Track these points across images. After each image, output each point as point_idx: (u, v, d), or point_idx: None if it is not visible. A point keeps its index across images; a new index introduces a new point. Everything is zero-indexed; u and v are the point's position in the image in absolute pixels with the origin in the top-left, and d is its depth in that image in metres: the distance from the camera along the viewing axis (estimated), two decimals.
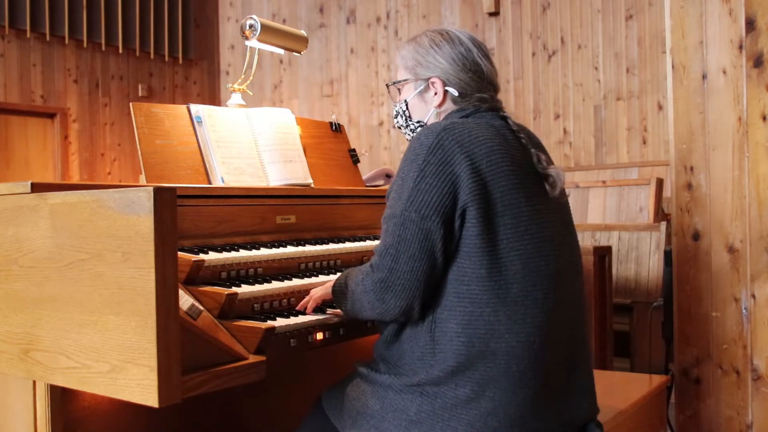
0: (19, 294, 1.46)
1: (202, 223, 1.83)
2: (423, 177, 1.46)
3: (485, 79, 1.64)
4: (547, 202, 1.56)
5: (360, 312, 1.57)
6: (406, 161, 1.51)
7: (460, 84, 1.63)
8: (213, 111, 2.13)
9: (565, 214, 1.64)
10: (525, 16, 7.09)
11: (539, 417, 1.49)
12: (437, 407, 1.45)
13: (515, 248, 1.46)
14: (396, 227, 1.47)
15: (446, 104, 1.66)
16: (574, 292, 1.58)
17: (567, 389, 1.56)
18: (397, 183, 1.52)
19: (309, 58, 8.28)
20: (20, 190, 1.47)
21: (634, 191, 4.71)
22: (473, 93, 1.63)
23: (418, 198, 1.45)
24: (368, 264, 1.54)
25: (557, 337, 1.51)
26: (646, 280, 3.95)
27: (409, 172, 1.49)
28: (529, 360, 1.45)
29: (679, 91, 2.58)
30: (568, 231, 1.63)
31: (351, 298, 1.58)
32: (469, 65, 1.63)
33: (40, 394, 1.46)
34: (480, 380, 1.44)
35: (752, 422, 2.43)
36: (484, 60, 1.65)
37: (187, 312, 1.43)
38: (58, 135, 7.45)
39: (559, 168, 1.59)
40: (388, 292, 1.46)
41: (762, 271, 2.40)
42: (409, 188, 1.47)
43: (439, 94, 1.65)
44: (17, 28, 7.11)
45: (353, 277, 1.59)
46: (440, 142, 1.46)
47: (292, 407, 2.09)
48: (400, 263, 1.45)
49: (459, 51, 1.63)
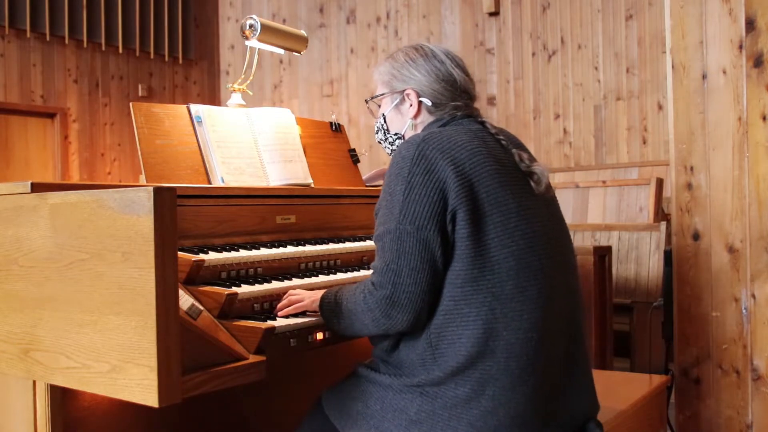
0: (19, 294, 1.46)
1: (202, 223, 1.83)
2: (411, 189, 1.47)
3: (459, 89, 1.67)
4: (534, 199, 1.57)
5: (361, 330, 1.56)
6: (391, 176, 1.52)
7: (433, 94, 1.67)
8: (213, 111, 2.13)
9: (554, 209, 1.65)
10: (525, 16, 7.08)
11: (539, 415, 1.49)
12: (437, 407, 1.45)
13: (506, 245, 1.47)
14: (393, 242, 1.47)
15: (422, 115, 1.70)
16: (568, 287, 1.58)
17: (566, 386, 1.56)
18: (385, 199, 1.52)
19: (309, 58, 8.28)
20: (20, 190, 1.47)
21: (634, 191, 4.71)
22: (447, 102, 1.66)
23: (411, 210, 1.46)
24: (367, 283, 1.53)
25: (554, 333, 1.51)
26: (646, 280, 3.95)
27: (395, 186, 1.50)
28: (527, 357, 1.45)
29: (679, 91, 2.58)
30: (558, 226, 1.64)
31: (348, 317, 1.56)
32: (443, 76, 1.66)
33: (40, 394, 1.46)
34: (480, 379, 1.44)
35: (752, 422, 2.43)
36: (457, 70, 1.68)
37: (187, 312, 1.43)
38: (58, 135, 7.45)
39: (542, 164, 1.61)
40: (395, 308, 1.46)
41: (762, 271, 2.40)
42: (399, 202, 1.48)
43: (414, 105, 1.69)
44: (17, 28, 7.11)
45: (348, 297, 1.57)
46: (422, 152, 1.49)
47: (292, 407, 2.09)
48: (403, 277, 1.45)
49: (432, 64, 1.67)
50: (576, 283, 1.64)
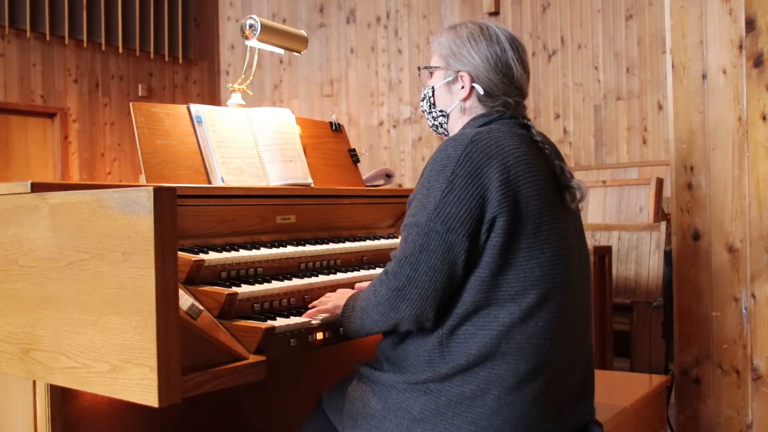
0: (19, 294, 1.46)
1: (202, 223, 1.83)
2: (451, 189, 1.45)
3: (514, 84, 1.64)
4: (565, 213, 1.56)
5: (371, 327, 1.56)
6: (433, 171, 1.49)
7: (488, 83, 1.62)
8: (213, 111, 2.13)
9: (579, 225, 1.65)
10: (525, 16, 7.08)
11: (543, 417, 1.49)
12: (441, 405, 1.45)
13: (535, 256, 1.46)
14: (419, 237, 1.46)
15: (471, 100, 1.65)
16: (581, 300, 1.60)
17: (570, 391, 1.57)
18: (421, 192, 1.50)
19: (309, 57, 8.28)
20: (20, 190, 1.47)
21: (634, 191, 4.71)
22: (500, 95, 1.63)
23: (445, 210, 1.44)
24: (381, 273, 1.53)
25: (566, 342, 1.52)
26: (646, 280, 3.95)
27: (435, 182, 1.47)
28: (537, 361, 1.46)
29: (679, 91, 2.58)
30: (581, 240, 1.65)
31: (360, 316, 1.57)
32: (501, 67, 1.62)
33: (40, 393, 1.46)
34: (487, 378, 1.44)
35: (752, 422, 2.43)
36: (517, 64, 1.63)
37: (187, 312, 1.43)
38: (58, 135, 7.45)
39: (580, 181, 1.59)
40: (404, 301, 1.46)
41: (762, 271, 2.39)
42: (436, 199, 1.46)
43: (465, 88, 1.64)
44: (17, 28, 7.11)
45: (362, 296, 1.58)
46: (468, 155, 1.46)
47: (292, 407, 2.10)
48: (419, 273, 1.44)
49: (494, 50, 1.62)
50: (588, 295, 1.65)
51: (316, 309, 1.70)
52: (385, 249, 2.23)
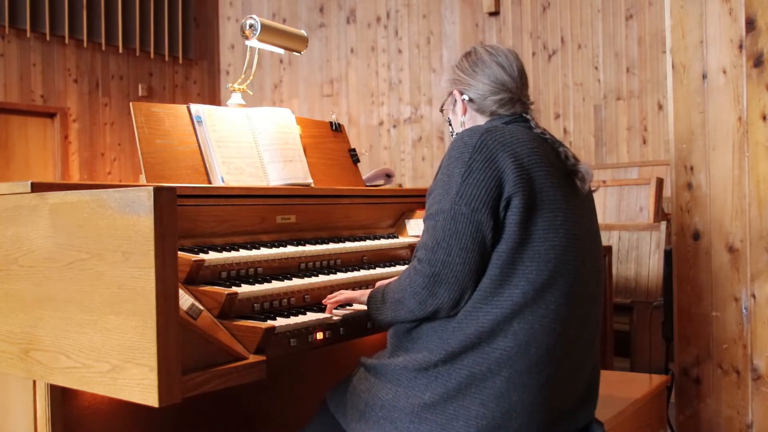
0: (19, 294, 1.46)
1: (202, 222, 1.83)
2: (470, 173, 1.51)
3: (509, 91, 1.73)
4: (578, 201, 1.62)
5: (406, 317, 1.58)
6: (451, 159, 1.56)
7: (477, 94, 1.74)
8: (213, 111, 2.13)
9: (593, 213, 1.72)
10: (525, 16, 7.08)
11: (549, 408, 1.51)
12: (451, 389, 1.47)
13: (549, 239, 1.52)
14: (447, 221, 1.51)
15: (469, 113, 1.76)
16: (593, 288, 1.63)
17: (576, 393, 1.59)
18: (442, 180, 1.56)
19: (309, 57, 8.28)
20: (20, 190, 1.47)
21: (634, 191, 4.71)
22: (488, 96, 1.72)
23: (467, 192, 1.50)
24: (413, 264, 1.56)
25: (574, 335, 1.55)
26: (646, 279, 3.95)
27: (455, 168, 1.54)
28: (547, 346, 1.49)
29: (679, 91, 2.58)
30: (594, 228, 1.70)
31: (394, 308, 1.59)
32: (496, 85, 1.73)
33: (40, 393, 1.46)
34: (498, 359, 1.46)
35: (752, 422, 2.43)
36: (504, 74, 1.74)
37: (187, 312, 1.43)
38: (58, 135, 7.45)
39: (586, 163, 1.67)
40: (442, 286, 1.49)
41: (762, 271, 2.39)
42: (457, 184, 1.52)
43: (458, 101, 1.77)
44: (17, 28, 7.11)
45: (393, 288, 1.61)
46: (484, 142, 1.54)
47: (292, 407, 2.10)
48: (453, 256, 1.49)
49: (484, 71, 1.74)
50: (602, 285, 1.69)
51: (343, 297, 1.78)
52: (385, 249, 2.23)
